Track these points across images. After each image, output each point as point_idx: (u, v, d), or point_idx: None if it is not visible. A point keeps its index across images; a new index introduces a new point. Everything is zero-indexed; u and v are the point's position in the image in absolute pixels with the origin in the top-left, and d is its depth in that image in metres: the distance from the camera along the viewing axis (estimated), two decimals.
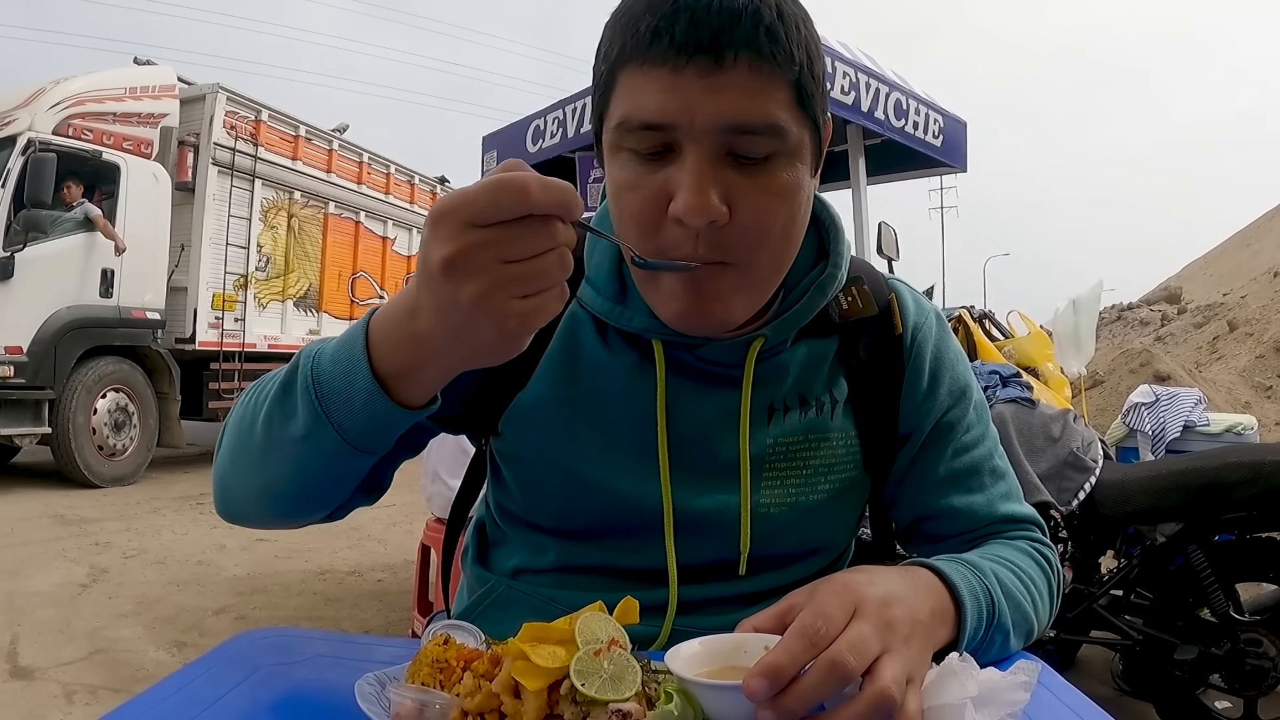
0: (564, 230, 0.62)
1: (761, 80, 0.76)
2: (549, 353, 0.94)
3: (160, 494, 7.56)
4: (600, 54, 0.83)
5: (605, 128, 0.82)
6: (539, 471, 0.95)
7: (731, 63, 0.74)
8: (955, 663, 0.66)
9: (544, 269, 0.61)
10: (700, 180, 0.76)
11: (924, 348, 0.99)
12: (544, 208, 0.60)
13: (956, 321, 3.65)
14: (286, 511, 0.87)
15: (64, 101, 7.77)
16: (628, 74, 0.78)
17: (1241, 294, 15.88)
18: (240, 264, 9.36)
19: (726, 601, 0.94)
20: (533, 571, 0.99)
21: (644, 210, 0.79)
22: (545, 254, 0.61)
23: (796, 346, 0.94)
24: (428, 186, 12.80)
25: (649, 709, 0.60)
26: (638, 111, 0.77)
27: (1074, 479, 2.67)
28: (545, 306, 0.63)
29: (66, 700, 3.09)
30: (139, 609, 4.22)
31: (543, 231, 0.60)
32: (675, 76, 0.75)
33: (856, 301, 0.96)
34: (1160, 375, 7.33)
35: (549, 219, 0.60)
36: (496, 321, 0.63)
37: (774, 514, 0.94)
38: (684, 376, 0.92)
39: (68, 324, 7.55)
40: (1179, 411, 3.77)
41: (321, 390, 0.74)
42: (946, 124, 4.65)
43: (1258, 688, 2.46)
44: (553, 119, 4.85)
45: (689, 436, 0.92)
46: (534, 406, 0.93)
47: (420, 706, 0.62)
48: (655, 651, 0.71)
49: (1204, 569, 2.51)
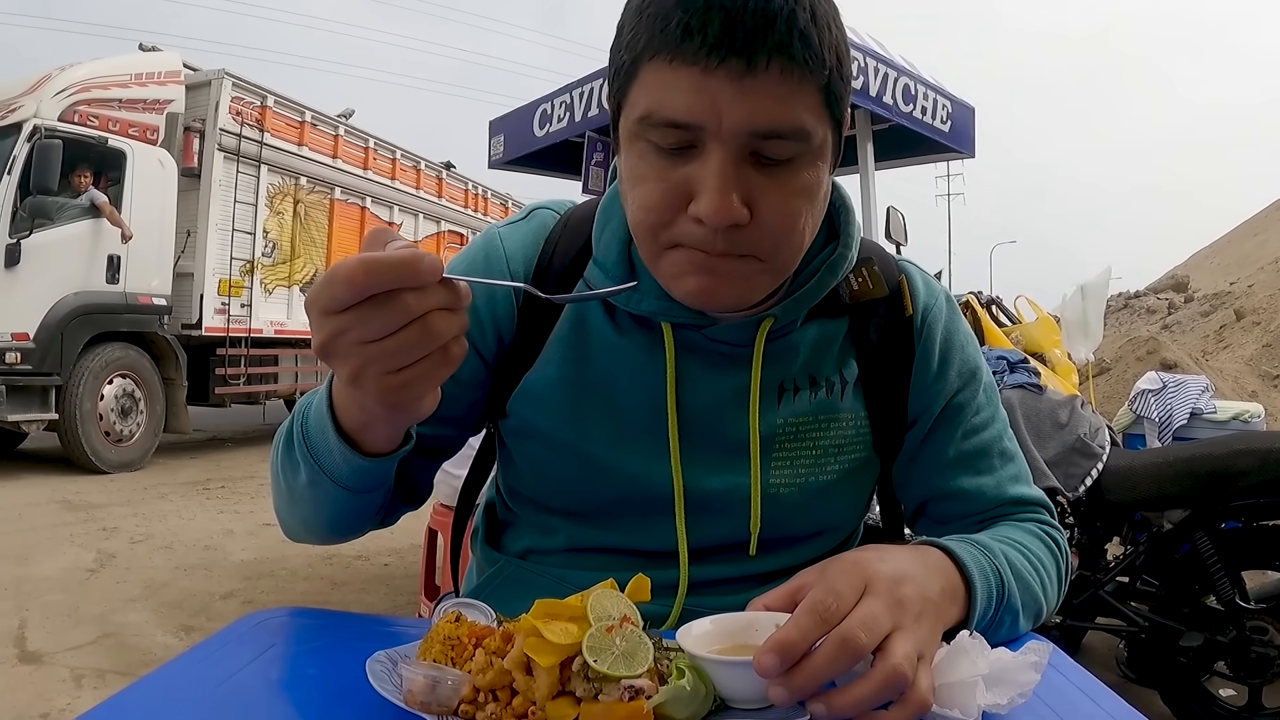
0: (420, 300, 0.60)
1: (792, 85, 0.73)
2: (557, 334, 0.94)
3: (167, 479, 7.58)
4: (623, 40, 0.79)
5: (624, 116, 0.80)
6: (549, 453, 0.95)
7: (763, 67, 0.72)
8: (966, 640, 0.66)
9: (405, 343, 0.61)
10: (724, 182, 0.74)
11: (934, 329, 0.98)
12: (378, 287, 0.59)
13: (964, 307, 3.64)
14: (332, 536, 0.94)
15: (70, 88, 7.77)
16: (654, 68, 0.75)
17: (1249, 283, 15.84)
18: (246, 250, 9.38)
19: (736, 581, 0.94)
20: (543, 552, 1.00)
21: (662, 204, 0.78)
22: (405, 327, 0.61)
23: (807, 327, 0.94)
24: (434, 172, 12.80)
25: (661, 685, 0.60)
26: (663, 108, 0.75)
27: (1081, 465, 2.67)
28: (424, 375, 0.64)
29: (75, 684, 3.11)
30: (146, 594, 4.24)
31: (391, 308, 0.60)
32: (705, 77, 0.72)
33: (867, 283, 0.95)
34: (1167, 363, 7.31)
35: (395, 294, 0.60)
36: (377, 396, 0.64)
37: (784, 494, 0.94)
38: (693, 356, 0.92)
39: (74, 310, 7.57)
40: (1186, 399, 3.76)
41: (310, 444, 0.81)
42: (954, 109, 4.62)
43: (1263, 675, 2.46)
44: (560, 103, 4.84)
45: (699, 416, 0.92)
46: (543, 388, 0.94)
47: (432, 683, 0.62)
48: (666, 631, 0.71)
49: (1210, 556, 2.51)
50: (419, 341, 0.61)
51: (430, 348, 0.62)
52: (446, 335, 0.62)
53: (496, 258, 0.96)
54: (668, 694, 0.59)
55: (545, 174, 5.76)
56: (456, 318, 0.63)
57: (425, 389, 0.66)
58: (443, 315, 0.62)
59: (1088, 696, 0.72)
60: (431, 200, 12.71)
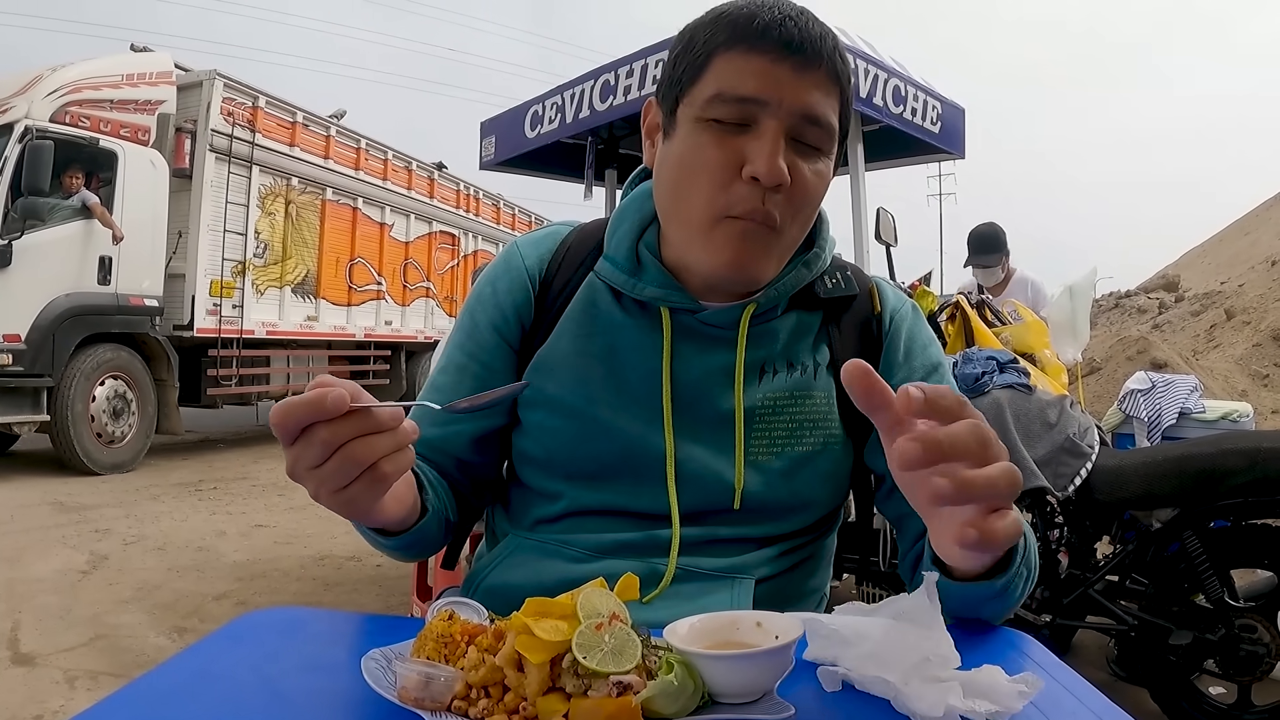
0: (333, 433, 0.69)
1: (830, 88, 0.95)
2: (569, 313, 1.08)
3: (159, 481, 7.57)
4: (696, 41, 0.98)
5: (687, 103, 0.97)
6: (556, 417, 1.05)
7: (816, 67, 0.93)
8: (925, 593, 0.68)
9: (334, 469, 0.71)
10: (778, 148, 0.92)
11: (900, 327, 1.12)
12: (296, 426, 0.69)
13: (954, 307, 3.65)
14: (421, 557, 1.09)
15: (61, 89, 7.73)
16: (729, 57, 0.94)
17: (1239, 282, 15.88)
18: (238, 250, 9.35)
19: (726, 543, 1.04)
20: (547, 520, 1.08)
21: (720, 168, 0.94)
22: (332, 456, 0.70)
23: (786, 316, 1.09)
24: (425, 172, 12.78)
25: (649, 680, 0.61)
26: (736, 86, 0.93)
27: (1070, 465, 2.68)
28: (363, 492, 0.74)
29: (68, 686, 3.10)
30: (139, 595, 4.23)
31: (312, 443, 0.69)
32: (774, 65, 0.92)
33: (840, 283, 1.12)
34: (1157, 363, 7.33)
35: (312, 429, 0.69)
36: (335, 508, 0.76)
37: (763, 461, 1.04)
38: (687, 337, 1.06)
39: (66, 311, 7.54)
40: (1175, 398, 3.77)
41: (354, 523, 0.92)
42: (945, 110, 4.63)
43: (1252, 673, 2.48)
44: (551, 104, 4.83)
45: (690, 390, 1.04)
46: (555, 358, 1.07)
47: (426, 680, 0.63)
48: (655, 630, 0.72)
49: (1199, 555, 2.52)
50: (344, 468, 0.71)
51: (356, 472, 0.72)
52: (368, 460, 0.72)
53: (514, 258, 1.13)
54: (656, 689, 0.60)
55: (536, 175, 5.76)
56: (380, 440, 0.72)
57: (368, 503, 0.76)
58: (362, 442, 0.71)
59: (1071, 694, 0.73)
60: (423, 201, 12.70)
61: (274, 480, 7.77)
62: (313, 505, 4.27)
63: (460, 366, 1.10)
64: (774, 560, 1.05)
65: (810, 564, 1.12)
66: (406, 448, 0.75)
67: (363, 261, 11.43)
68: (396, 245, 12.12)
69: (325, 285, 10.79)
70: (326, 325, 10.91)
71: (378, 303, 11.84)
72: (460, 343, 1.11)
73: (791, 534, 1.07)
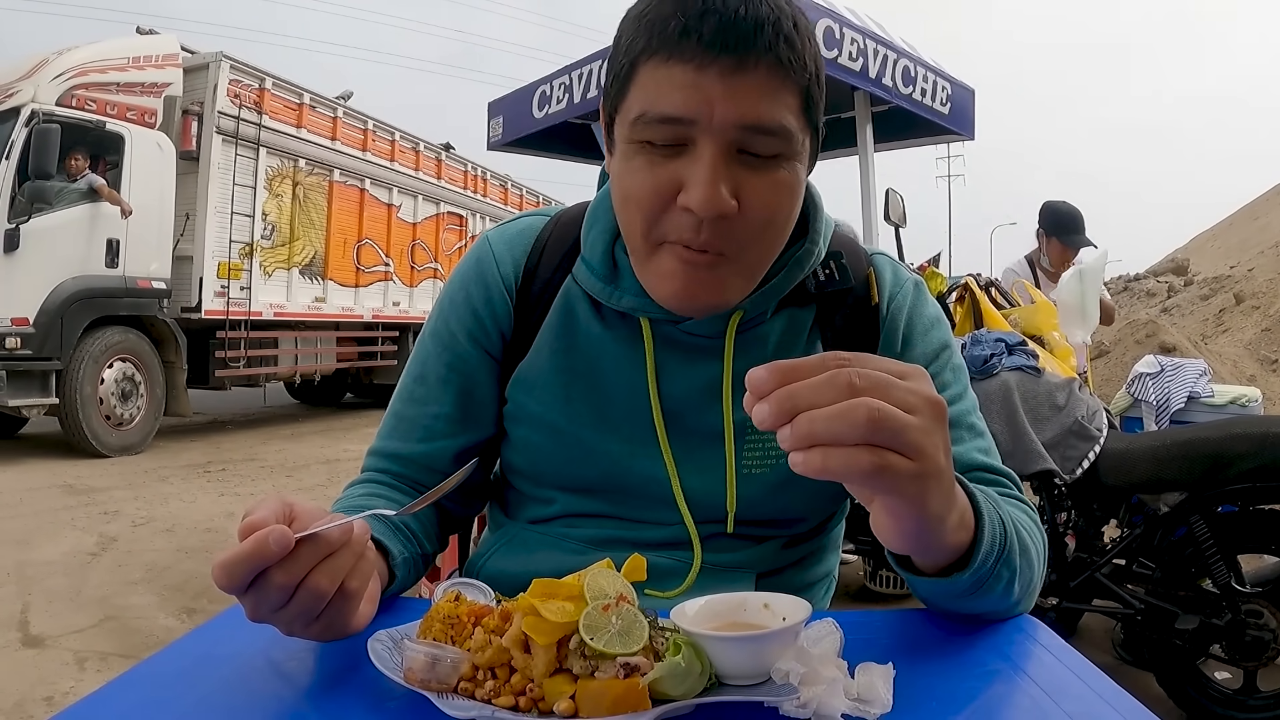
0: (288, 574, 0.65)
1: (777, 85, 0.80)
2: (547, 324, 1.01)
3: (168, 462, 7.60)
4: (620, 47, 0.85)
5: (620, 121, 0.86)
6: (540, 435, 1.01)
7: (753, 66, 0.78)
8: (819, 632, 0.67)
9: (300, 606, 0.67)
10: (714, 174, 0.79)
11: (899, 313, 1.03)
12: (245, 579, 0.65)
13: (963, 289, 3.63)
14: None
15: (67, 72, 7.74)
16: (650, 69, 0.81)
17: (1249, 267, 15.81)
18: (245, 232, 9.37)
19: (727, 538, 1.00)
20: (544, 520, 1.05)
21: (653, 195, 0.83)
22: (294, 595, 0.66)
23: (776, 318, 0.99)
24: (433, 153, 12.77)
25: (656, 662, 0.61)
26: (659, 104, 0.80)
27: (1078, 448, 2.67)
28: (336, 613, 0.70)
29: (78, 667, 3.13)
30: (148, 576, 4.26)
31: (270, 588, 0.65)
32: (699, 74, 0.78)
33: (834, 275, 1.00)
34: (1166, 347, 7.30)
35: (267, 575, 0.65)
36: (315, 636, 0.71)
37: (756, 474, 0.98)
38: (670, 349, 0.98)
39: (74, 294, 7.57)
40: (1184, 382, 3.75)
41: None
42: (954, 91, 4.61)
43: (1258, 659, 2.47)
44: (559, 85, 4.82)
45: (678, 406, 0.98)
46: (535, 374, 1.00)
47: (432, 661, 0.63)
48: (663, 610, 0.72)
49: (1206, 540, 2.51)
50: (310, 603, 0.67)
51: (324, 602, 0.68)
52: (332, 588, 0.68)
53: (487, 262, 1.04)
54: (663, 670, 0.60)
55: (544, 155, 5.75)
56: (338, 561, 0.68)
57: (345, 620, 0.72)
58: (319, 572, 0.67)
59: (1076, 676, 0.73)
60: (431, 181, 12.69)
61: (282, 461, 7.80)
62: (321, 487, 4.31)
63: (441, 379, 1.03)
64: (776, 555, 1.03)
65: (815, 555, 1.09)
66: (363, 554, 0.72)
67: (370, 243, 11.43)
68: (404, 226, 12.12)
69: (333, 267, 10.80)
70: (334, 306, 10.93)
71: (385, 284, 11.86)
72: (437, 353, 1.04)
73: (787, 547, 1.04)
